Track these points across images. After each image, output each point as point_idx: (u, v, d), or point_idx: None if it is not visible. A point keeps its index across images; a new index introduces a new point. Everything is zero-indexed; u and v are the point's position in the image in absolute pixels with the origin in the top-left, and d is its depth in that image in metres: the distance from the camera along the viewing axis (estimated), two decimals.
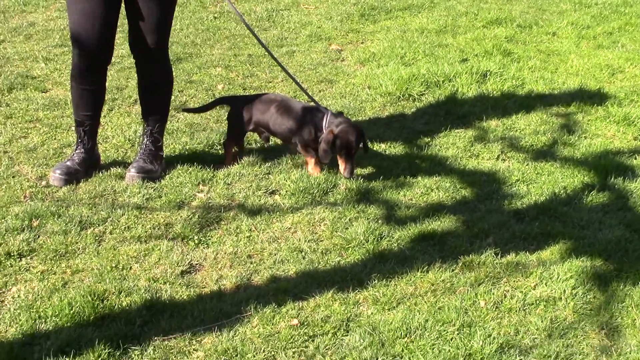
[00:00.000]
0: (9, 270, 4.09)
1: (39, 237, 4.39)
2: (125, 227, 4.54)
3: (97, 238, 4.42)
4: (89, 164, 5.15)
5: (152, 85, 5.16)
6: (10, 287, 3.97)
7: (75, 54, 4.91)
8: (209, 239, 4.49)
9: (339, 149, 5.07)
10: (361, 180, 5.14)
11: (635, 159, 5.63)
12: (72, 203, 4.74)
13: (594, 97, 6.78)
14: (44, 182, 4.99)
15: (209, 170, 5.21)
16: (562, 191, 5.10)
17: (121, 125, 5.91)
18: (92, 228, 4.51)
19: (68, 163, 5.08)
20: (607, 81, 7.33)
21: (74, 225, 4.49)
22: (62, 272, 4.10)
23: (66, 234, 4.43)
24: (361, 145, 5.14)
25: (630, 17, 9.57)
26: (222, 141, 5.56)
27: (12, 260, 4.17)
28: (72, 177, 5.03)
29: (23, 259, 4.19)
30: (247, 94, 6.46)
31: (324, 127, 5.17)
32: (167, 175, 5.15)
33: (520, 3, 10.38)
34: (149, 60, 5.05)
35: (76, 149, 5.16)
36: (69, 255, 4.25)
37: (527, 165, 5.50)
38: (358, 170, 5.26)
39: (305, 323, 3.77)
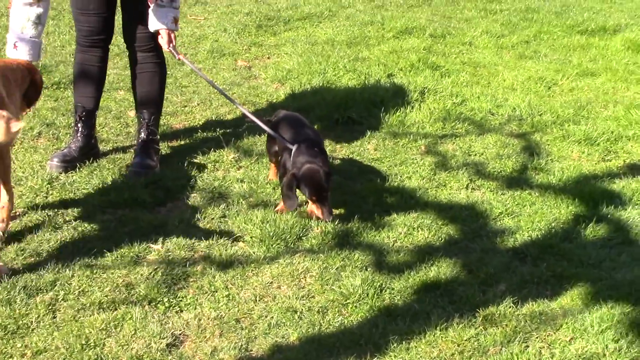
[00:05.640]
0: None
1: None
2: (79, 292, 4.03)
3: (49, 307, 3.88)
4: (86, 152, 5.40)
5: (144, 76, 5.41)
6: None
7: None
8: (181, 301, 4.04)
9: (308, 195, 4.75)
10: (335, 222, 4.80)
11: (615, 183, 5.51)
12: (6, 265, 4.19)
13: (544, 114, 6.67)
14: None
15: (158, 215, 4.77)
16: (554, 225, 4.92)
17: (31, 163, 5.36)
18: (40, 295, 3.97)
19: (65, 151, 5.34)
20: (547, 95, 7.28)
21: (18, 293, 3.95)
22: (20, 355, 3.56)
23: (10, 304, 3.88)
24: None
25: (540, 24, 9.63)
26: None
27: None
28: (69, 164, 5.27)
29: None
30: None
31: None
32: (110, 224, 4.66)
33: (422, 10, 10.30)
34: (140, 49, 5.33)
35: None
36: (22, 332, 3.70)
37: (502, 195, 5.30)
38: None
39: None
